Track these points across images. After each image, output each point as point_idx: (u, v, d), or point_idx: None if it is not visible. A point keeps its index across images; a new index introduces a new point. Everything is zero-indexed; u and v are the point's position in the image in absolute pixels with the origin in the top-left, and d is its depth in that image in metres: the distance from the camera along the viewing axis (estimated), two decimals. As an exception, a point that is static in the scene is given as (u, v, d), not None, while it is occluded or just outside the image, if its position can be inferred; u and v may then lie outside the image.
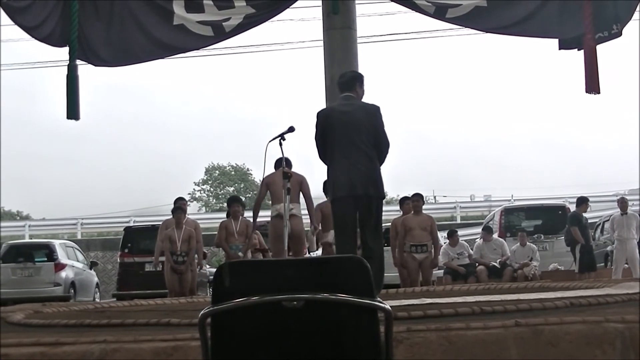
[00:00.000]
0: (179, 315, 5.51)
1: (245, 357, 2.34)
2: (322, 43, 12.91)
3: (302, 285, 2.30)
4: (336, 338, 2.35)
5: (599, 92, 10.60)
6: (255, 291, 2.30)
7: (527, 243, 15.44)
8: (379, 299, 2.41)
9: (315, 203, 10.56)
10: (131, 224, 25.66)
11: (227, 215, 11.96)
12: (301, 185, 10.05)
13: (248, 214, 12.23)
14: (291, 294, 2.29)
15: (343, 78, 7.30)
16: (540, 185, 56.78)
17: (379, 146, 6.94)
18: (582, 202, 15.32)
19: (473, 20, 11.17)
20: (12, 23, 10.59)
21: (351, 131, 6.82)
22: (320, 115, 7.17)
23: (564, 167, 68.27)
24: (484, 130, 76.70)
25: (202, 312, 2.31)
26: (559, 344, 4.00)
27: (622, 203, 15.26)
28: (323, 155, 7.02)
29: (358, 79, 7.18)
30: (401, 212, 12.58)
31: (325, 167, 7.10)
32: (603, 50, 10.71)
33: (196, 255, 12.02)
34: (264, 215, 11.82)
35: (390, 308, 2.37)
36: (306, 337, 2.34)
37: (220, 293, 2.32)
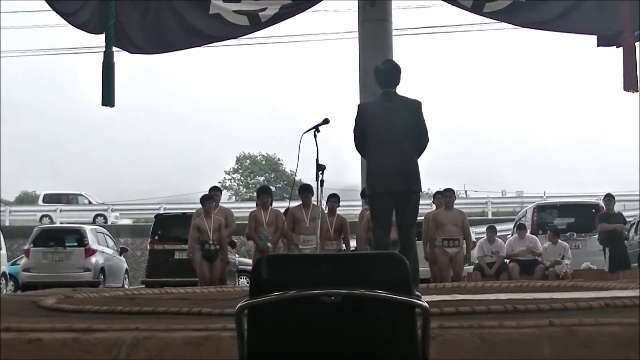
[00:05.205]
0: (209, 305, 5.51)
1: (280, 350, 2.33)
2: (356, 35, 12.87)
3: (339, 280, 2.28)
4: (373, 334, 2.33)
5: (637, 90, 10.49)
6: (292, 285, 2.28)
7: (559, 241, 15.26)
8: (417, 295, 2.39)
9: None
10: (162, 212, 25.74)
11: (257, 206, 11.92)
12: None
13: (277, 205, 12.21)
14: (329, 289, 2.26)
15: (384, 73, 7.09)
16: (573, 181, 56.28)
17: (420, 141, 6.89)
18: (604, 198, 15.26)
19: (510, 14, 11.08)
20: (50, 9, 10.67)
21: (394, 128, 6.77)
22: (362, 108, 7.10)
23: (597, 163, 67.55)
24: (517, 125, 76.27)
25: (239, 304, 2.30)
26: (593, 345, 3.94)
27: (656, 203, 15.09)
28: (361, 148, 6.98)
29: (400, 72, 7.06)
30: (434, 207, 12.52)
31: (359, 158, 7.05)
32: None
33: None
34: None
35: (427, 305, 2.35)
36: (343, 333, 2.32)
37: (257, 285, 2.30)
